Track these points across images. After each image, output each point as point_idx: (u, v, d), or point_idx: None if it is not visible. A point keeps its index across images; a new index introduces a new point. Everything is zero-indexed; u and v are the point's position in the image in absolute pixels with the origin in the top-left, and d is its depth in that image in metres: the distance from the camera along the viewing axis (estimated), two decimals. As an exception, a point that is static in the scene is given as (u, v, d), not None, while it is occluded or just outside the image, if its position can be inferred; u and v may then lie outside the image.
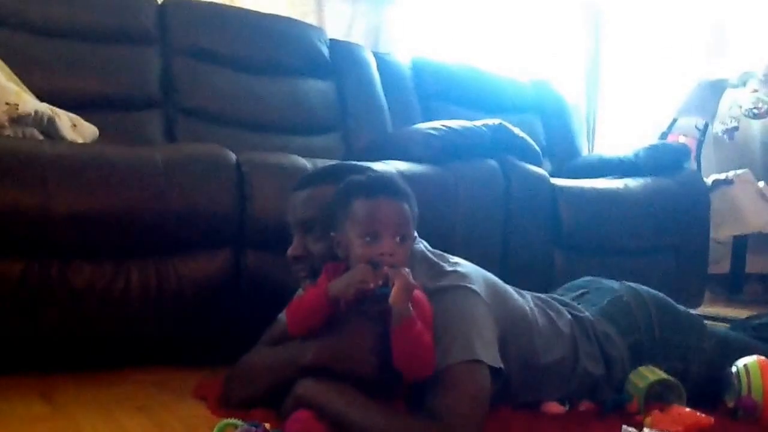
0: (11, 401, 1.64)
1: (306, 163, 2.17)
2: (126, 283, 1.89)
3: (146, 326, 1.97)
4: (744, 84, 4.20)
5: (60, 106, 2.21)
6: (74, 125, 2.23)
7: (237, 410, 1.49)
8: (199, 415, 1.61)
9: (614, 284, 1.96)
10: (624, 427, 1.46)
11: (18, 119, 2.04)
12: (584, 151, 3.80)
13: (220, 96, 2.94)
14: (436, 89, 3.47)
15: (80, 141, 2.19)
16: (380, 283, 1.38)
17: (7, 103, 2.03)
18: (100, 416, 1.58)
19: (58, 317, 1.85)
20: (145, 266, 1.93)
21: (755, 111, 4.14)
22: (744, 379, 1.70)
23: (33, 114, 2.08)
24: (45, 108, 2.13)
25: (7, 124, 2.01)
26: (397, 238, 1.43)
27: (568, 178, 2.90)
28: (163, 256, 1.95)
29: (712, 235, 3.19)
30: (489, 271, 1.69)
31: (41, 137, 2.09)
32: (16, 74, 2.33)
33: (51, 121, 2.12)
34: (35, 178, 1.78)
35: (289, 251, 1.62)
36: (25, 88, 2.28)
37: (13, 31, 2.64)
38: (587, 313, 1.83)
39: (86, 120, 2.29)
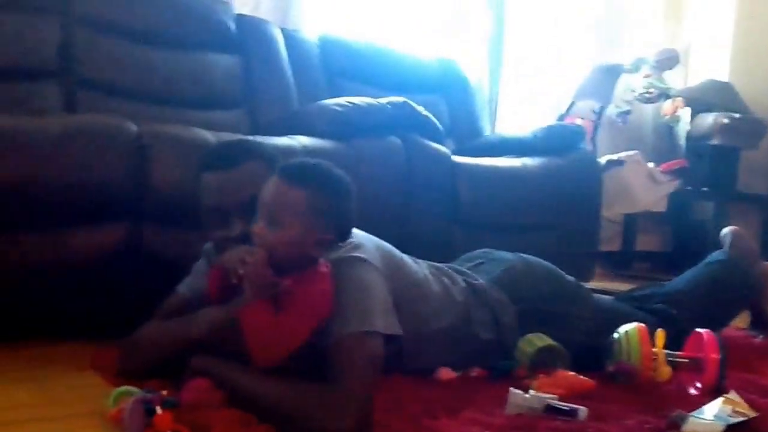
0: None
1: (209, 136, 2.14)
2: (19, 255, 1.86)
3: (39, 299, 1.95)
4: (637, 69, 4.37)
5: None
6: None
7: (132, 381, 1.50)
8: (92, 385, 1.62)
9: (508, 255, 2.05)
10: (511, 389, 1.52)
11: None
12: (486, 132, 3.85)
13: (121, 68, 2.84)
14: (343, 67, 3.46)
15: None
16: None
17: None
18: (-12, 388, 1.57)
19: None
20: (40, 238, 1.88)
21: (647, 95, 4.33)
22: (624, 346, 1.80)
23: None
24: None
25: None
26: (264, 221, 1.46)
27: (470, 157, 2.93)
28: (59, 228, 1.91)
29: (604, 213, 3.31)
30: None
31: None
32: None
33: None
34: None
35: (234, 233, 1.60)
36: None
37: None
38: (481, 281, 1.89)
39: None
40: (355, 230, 1.63)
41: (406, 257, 1.77)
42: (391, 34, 3.94)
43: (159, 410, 1.31)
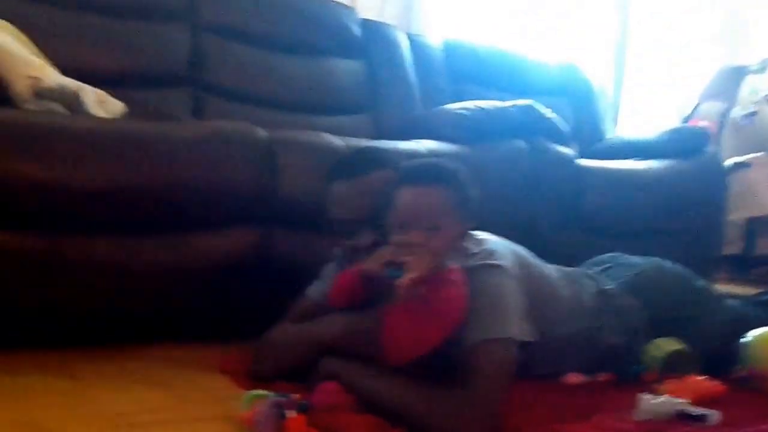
0: (31, 376, 1.65)
1: (337, 141, 2.16)
2: (151, 258, 1.89)
3: (170, 302, 1.99)
4: (763, 70, 4.26)
5: (86, 82, 2.14)
6: (101, 101, 2.16)
7: (262, 384, 1.51)
8: (220, 387, 1.65)
9: (638, 259, 2.03)
10: (641, 394, 1.53)
11: (41, 93, 1.99)
12: (609, 135, 3.83)
13: (249, 74, 2.92)
14: (467, 72, 3.48)
15: (106, 117, 2.13)
16: (388, 266, 1.43)
17: (30, 77, 1.99)
18: (122, 390, 1.59)
19: (80, 292, 1.86)
20: (171, 242, 1.92)
21: (774, 97, 4.21)
22: (755, 350, 1.79)
23: (57, 88, 2.02)
24: (70, 83, 2.08)
25: (30, 97, 1.97)
26: (419, 230, 1.44)
27: (594, 160, 2.92)
28: (190, 231, 1.95)
29: (728, 216, 3.26)
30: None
31: (66, 112, 2.02)
32: (41, 49, 2.25)
33: (76, 96, 2.05)
34: (56, 152, 1.76)
35: (365, 242, 1.60)
36: (49, 62, 2.21)
37: (38, 4, 2.56)
38: (612, 286, 1.89)
39: (113, 97, 2.23)
40: (488, 235, 1.66)
41: (538, 261, 1.79)
42: (514, 38, 3.97)
43: (292, 413, 1.32)
